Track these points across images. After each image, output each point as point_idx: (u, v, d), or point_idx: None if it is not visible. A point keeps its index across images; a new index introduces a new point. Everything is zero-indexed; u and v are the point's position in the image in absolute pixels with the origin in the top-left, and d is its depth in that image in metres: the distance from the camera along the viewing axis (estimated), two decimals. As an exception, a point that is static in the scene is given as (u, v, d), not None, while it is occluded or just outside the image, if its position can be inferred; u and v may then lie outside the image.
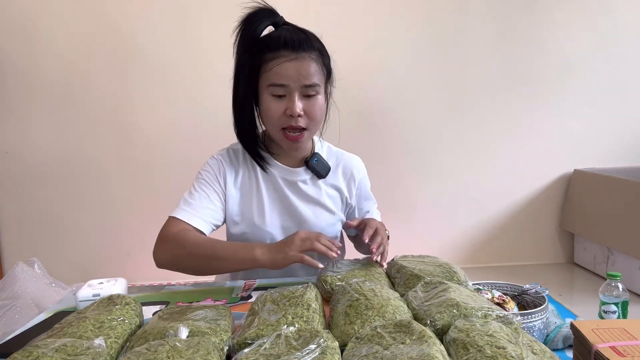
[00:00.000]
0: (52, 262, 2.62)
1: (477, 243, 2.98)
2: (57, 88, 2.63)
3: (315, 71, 1.07)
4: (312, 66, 1.06)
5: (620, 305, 0.95)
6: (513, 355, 0.57)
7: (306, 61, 1.06)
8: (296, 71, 1.05)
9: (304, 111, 1.08)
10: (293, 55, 1.05)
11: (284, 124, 1.09)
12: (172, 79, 2.68)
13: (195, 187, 1.17)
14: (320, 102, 1.11)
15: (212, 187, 1.17)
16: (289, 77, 1.05)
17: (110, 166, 2.72)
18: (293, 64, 1.04)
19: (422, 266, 0.99)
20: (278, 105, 1.07)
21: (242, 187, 1.20)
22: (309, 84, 1.06)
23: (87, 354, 0.64)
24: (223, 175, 1.18)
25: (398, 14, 2.74)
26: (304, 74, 1.05)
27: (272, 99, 1.07)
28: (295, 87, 1.06)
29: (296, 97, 1.06)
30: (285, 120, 1.08)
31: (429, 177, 2.90)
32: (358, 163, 1.32)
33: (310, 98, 1.08)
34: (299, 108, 1.06)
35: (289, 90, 1.06)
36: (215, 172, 1.18)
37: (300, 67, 1.05)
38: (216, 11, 2.52)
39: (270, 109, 1.08)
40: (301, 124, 1.08)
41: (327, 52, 1.13)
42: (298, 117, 1.07)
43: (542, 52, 2.83)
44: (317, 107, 1.09)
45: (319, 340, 0.64)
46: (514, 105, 2.87)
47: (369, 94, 2.79)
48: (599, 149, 2.94)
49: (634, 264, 2.43)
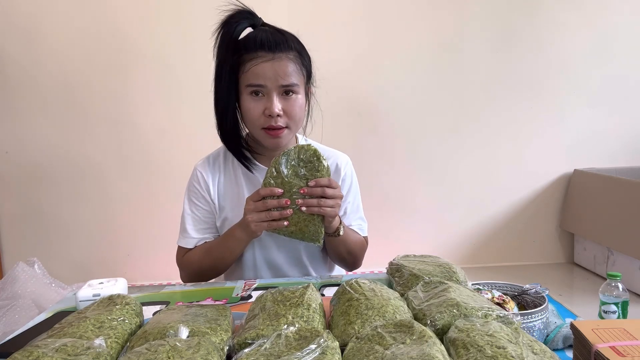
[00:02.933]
0: (52, 262, 2.62)
1: (477, 243, 2.98)
2: (57, 88, 2.64)
3: (293, 71, 1.08)
4: (290, 66, 1.07)
5: (620, 305, 0.95)
6: (513, 355, 0.57)
7: (283, 61, 1.07)
8: (273, 71, 1.06)
9: (283, 110, 1.08)
10: (270, 55, 1.06)
11: (263, 124, 1.10)
12: (172, 79, 2.68)
13: (186, 210, 1.23)
14: (300, 101, 1.11)
15: (200, 206, 1.22)
16: (267, 77, 1.06)
17: (110, 166, 2.73)
18: (270, 65, 1.06)
19: (421, 266, 0.98)
20: (257, 105, 1.08)
21: (225, 190, 1.22)
22: (287, 83, 1.07)
23: (88, 354, 0.64)
24: (206, 188, 1.21)
25: (398, 14, 2.74)
26: (281, 74, 1.06)
27: (251, 99, 1.09)
28: (273, 87, 1.07)
29: (274, 97, 1.07)
30: (265, 120, 1.09)
31: (429, 177, 2.90)
32: (344, 159, 1.28)
33: (289, 97, 1.09)
34: (277, 108, 1.07)
35: (267, 91, 1.07)
36: (199, 189, 1.21)
37: (277, 68, 1.06)
38: (216, 11, 2.52)
39: (250, 110, 1.09)
40: (280, 123, 1.09)
41: (306, 52, 1.14)
42: (277, 116, 1.08)
43: (542, 52, 2.83)
44: (296, 106, 1.10)
45: (319, 340, 0.64)
46: (514, 105, 2.87)
47: (369, 95, 2.79)
48: (599, 149, 2.94)
49: (634, 264, 2.43)
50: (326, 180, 1.00)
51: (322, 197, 1.01)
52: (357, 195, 1.30)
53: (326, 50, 2.58)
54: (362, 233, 1.28)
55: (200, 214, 1.21)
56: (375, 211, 2.67)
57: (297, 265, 1.24)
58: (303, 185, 1.01)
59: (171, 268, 3.03)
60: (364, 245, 1.27)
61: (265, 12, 1.19)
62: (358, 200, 1.30)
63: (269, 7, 1.23)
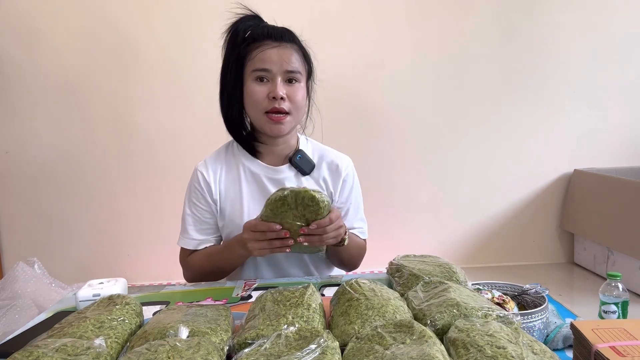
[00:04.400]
0: (52, 262, 2.62)
1: (477, 243, 2.98)
2: (57, 88, 2.64)
3: (296, 59, 1.14)
4: (294, 55, 1.14)
5: (620, 305, 0.95)
6: (513, 355, 0.57)
7: (288, 49, 1.13)
8: (279, 57, 1.12)
9: (286, 95, 1.13)
10: (276, 43, 1.13)
11: (267, 107, 1.13)
12: (172, 79, 2.68)
13: (186, 211, 1.23)
14: (302, 90, 1.16)
15: (200, 207, 1.22)
16: (272, 62, 1.11)
17: (110, 166, 2.73)
18: (276, 51, 1.12)
19: (421, 266, 0.99)
20: (262, 89, 1.13)
21: (226, 185, 1.23)
22: (291, 69, 1.13)
23: (88, 354, 0.64)
24: (207, 188, 1.22)
25: (398, 14, 2.74)
26: (286, 60, 1.12)
27: (256, 84, 1.13)
28: (277, 71, 1.12)
29: (279, 81, 1.12)
30: (269, 103, 1.12)
31: (429, 177, 2.90)
32: (345, 160, 1.29)
33: (293, 84, 1.14)
34: (282, 90, 1.12)
35: (272, 75, 1.12)
36: (200, 190, 1.22)
37: (282, 54, 1.12)
38: (216, 12, 2.52)
39: (254, 93, 1.13)
40: (284, 107, 1.13)
41: (307, 51, 1.20)
42: (281, 99, 1.12)
43: (542, 52, 2.83)
44: (299, 93, 1.15)
45: (319, 340, 0.64)
46: (514, 105, 2.87)
47: (368, 94, 2.79)
48: (599, 149, 2.94)
49: (634, 264, 2.43)
50: (327, 220, 0.98)
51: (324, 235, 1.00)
52: (358, 196, 1.30)
53: (329, 51, 2.59)
54: (362, 236, 1.29)
55: (200, 214, 1.22)
56: (375, 211, 2.66)
57: (298, 264, 1.25)
58: (303, 225, 0.98)
59: (171, 268, 3.02)
60: (364, 248, 1.29)
61: (269, 13, 1.22)
62: (359, 202, 1.31)
63: (273, 8, 1.25)
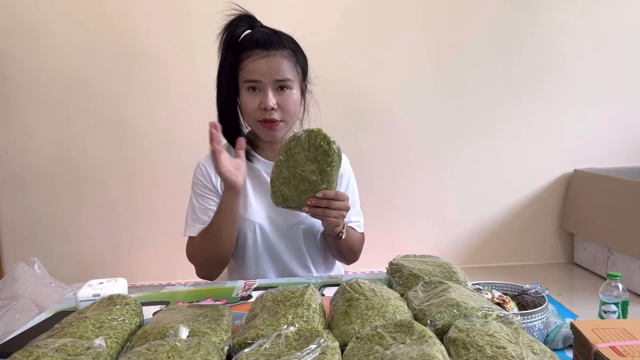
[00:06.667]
0: (52, 262, 2.62)
1: (477, 243, 2.98)
2: (57, 88, 2.64)
3: (286, 67, 1.15)
4: (284, 63, 1.15)
5: (620, 305, 0.95)
6: (513, 355, 0.57)
7: (277, 58, 1.14)
8: (268, 67, 1.13)
9: (278, 105, 1.15)
10: (264, 53, 1.14)
11: (259, 117, 1.16)
12: (172, 80, 2.68)
13: (193, 201, 1.24)
14: (294, 96, 1.17)
15: (205, 195, 1.23)
16: (261, 73, 1.13)
17: (110, 166, 2.73)
18: (264, 61, 1.13)
19: (421, 266, 0.99)
20: (253, 100, 1.15)
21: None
22: (280, 78, 1.14)
23: (88, 354, 0.64)
24: (210, 179, 1.24)
25: (398, 14, 2.74)
26: (275, 70, 1.13)
27: (248, 94, 1.16)
28: (267, 82, 1.14)
29: (269, 92, 1.14)
30: (261, 113, 1.15)
31: (429, 177, 2.90)
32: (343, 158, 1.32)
33: (284, 92, 1.16)
34: (271, 102, 1.13)
35: (263, 86, 1.14)
36: (204, 180, 1.24)
37: (271, 64, 1.13)
38: (216, 13, 2.52)
39: (247, 104, 1.16)
40: (275, 116, 1.15)
41: (302, 51, 1.21)
42: (272, 110, 1.14)
43: (542, 52, 2.83)
44: (290, 101, 1.16)
45: (319, 340, 0.64)
46: (514, 105, 2.87)
47: (369, 94, 2.79)
48: (599, 149, 2.94)
49: (634, 264, 2.43)
50: (332, 193, 1.01)
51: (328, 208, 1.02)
52: (354, 191, 1.34)
53: (326, 49, 2.60)
54: (359, 229, 1.32)
55: (205, 202, 1.23)
56: (375, 211, 2.67)
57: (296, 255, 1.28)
58: (314, 169, 1.01)
59: (171, 268, 3.03)
60: (362, 241, 1.33)
61: (264, 12, 1.22)
62: (355, 197, 1.34)
63: (268, 6, 1.25)
